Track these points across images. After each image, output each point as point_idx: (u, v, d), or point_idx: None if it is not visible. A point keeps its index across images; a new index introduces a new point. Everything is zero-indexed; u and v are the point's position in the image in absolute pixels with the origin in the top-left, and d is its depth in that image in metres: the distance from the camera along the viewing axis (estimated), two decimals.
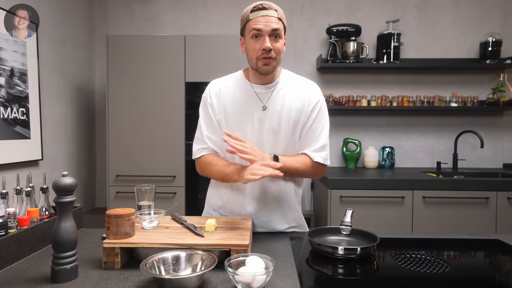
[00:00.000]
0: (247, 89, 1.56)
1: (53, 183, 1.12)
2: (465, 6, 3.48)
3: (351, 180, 2.78)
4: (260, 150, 1.47)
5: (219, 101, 1.57)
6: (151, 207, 1.46)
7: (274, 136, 1.54)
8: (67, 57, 3.17)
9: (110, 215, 1.23)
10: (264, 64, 1.45)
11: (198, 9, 3.56)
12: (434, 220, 2.77)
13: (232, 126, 1.54)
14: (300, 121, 1.55)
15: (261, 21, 1.40)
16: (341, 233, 1.47)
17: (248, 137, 1.53)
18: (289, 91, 1.55)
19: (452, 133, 3.50)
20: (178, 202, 2.97)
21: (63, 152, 3.10)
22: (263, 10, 1.41)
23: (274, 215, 1.62)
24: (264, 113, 1.53)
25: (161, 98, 2.98)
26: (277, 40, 1.44)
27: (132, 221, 1.25)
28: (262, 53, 1.43)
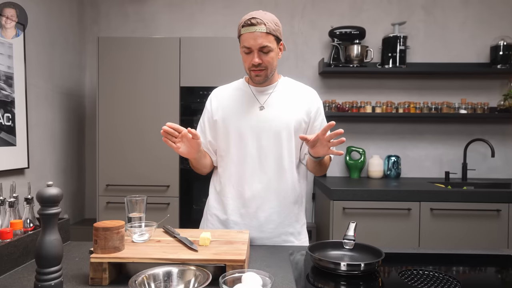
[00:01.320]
0: (246, 92, 1.72)
1: (37, 194, 1.11)
2: (475, 7, 3.50)
3: (354, 191, 2.77)
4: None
5: (218, 104, 1.73)
6: (142, 219, 1.45)
7: (274, 136, 1.64)
8: (56, 60, 3.17)
9: (98, 227, 1.21)
10: (256, 75, 1.62)
11: (194, 10, 3.58)
12: (442, 233, 2.75)
13: (231, 127, 1.67)
14: (303, 122, 1.67)
15: (249, 38, 1.54)
16: (343, 247, 1.46)
17: (248, 138, 1.65)
18: (288, 93, 1.71)
19: (461, 142, 3.50)
20: (171, 214, 2.95)
21: (50, 160, 3.09)
22: (251, 26, 1.53)
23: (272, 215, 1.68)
24: (262, 113, 1.66)
25: (155, 103, 2.98)
26: (267, 53, 1.57)
27: (121, 234, 1.24)
28: (252, 66, 1.59)
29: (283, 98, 1.68)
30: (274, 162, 1.65)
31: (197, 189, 3.02)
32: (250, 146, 1.65)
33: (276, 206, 1.67)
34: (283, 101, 1.67)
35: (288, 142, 1.65)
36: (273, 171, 1.65)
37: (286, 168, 1.66)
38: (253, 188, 1.66)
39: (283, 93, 1.69)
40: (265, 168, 1.65)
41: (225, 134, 1.69)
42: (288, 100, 1.68)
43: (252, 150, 1.65)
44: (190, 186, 3.03)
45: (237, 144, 1.66)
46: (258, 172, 1.65)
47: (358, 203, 2.76)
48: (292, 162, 1.68)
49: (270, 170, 1.65)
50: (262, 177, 1.65)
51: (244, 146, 1.66)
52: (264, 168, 1.65)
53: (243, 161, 1.66)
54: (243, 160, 1.66)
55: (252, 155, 1.65)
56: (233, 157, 1.68)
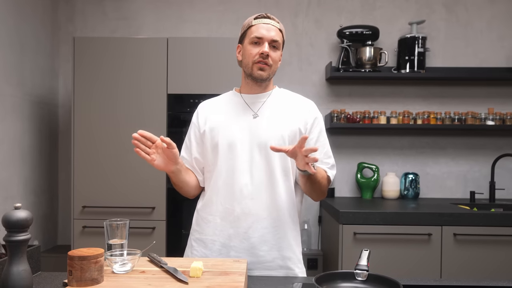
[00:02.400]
0: (237, 101, 1.78)
1: (3, 218, 1.11)
2: (503, 4, 3.54)
3: (366, 214, 2.77)
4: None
5: (205, 116, 1.79)
6: (123, 246, 1.45)
7: (266, 147, 1.65)
8: (25, 64, 3.19)
9: (73, 256, 1.22)
10: (259, 68, 1.67)
11: (183, 7, 3.62)
12: (467, 262, 2.75)
13: (219, 138, 1.70)
14: (298, 135, 1.70)
15: (262, 28, 1.66)
16: (355, 279, 1.45)
17: (237, 149, 1.68)
18: (283, 102, 1.77)
19: (489, 157, 3.52)
20: (157, 240, 2.94)
21: (18, 178, 3.09)
22: (266, 19, 1.68)
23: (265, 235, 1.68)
24: (255, 122, 1.71)
25: (139, 113, 2.99)
26: (275, 50, 1.69)
27: (100, 264, 1.24)
28: (259, 57, 1.65)
29: (278, 107, 1.74)
30: (266, 175, 1.67)
31: (187, 211, 3.02)
32: (241, 158, 1.67)
33: (269, 225, 1.68)
34: (277, 110, 1.73)
35: (282, 154, 1.65)
36: (266, 185, 1.67)
37: (279, 183, 1.68)
38: (243, 205, 1.66)
39: (278, 102, 1.76)
40: (256, 182, 1.66)
41: (213, 145, 1.71)
42: (283, 110, 1.73)
43: (242, 162, 1.67)
44: (178, 208, 3.02)
45: (227, 156, 1.68)
46: (249, 187, 1.66)
47: (370, 227, 2.76)
48: (287, 176, 1.70)
49: (263, 185, 1.66)
50: (254, 192, 1.66)
51: (234, 158, 1.68)
52: (255, 182, 1.66)
53: (232, 175, 1.67)
54: (232, 173, 1.67)
55: (242, 168, 1.67)
56: (221, 171, 1.69)
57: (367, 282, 1.44)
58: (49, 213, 3.53)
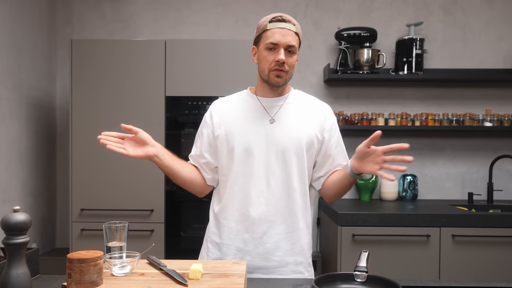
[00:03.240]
0: (253, 104, 1.75)
1: (2, 220, 1.11)
2: (501, 6, 3.56)
3: (365, 215, 2.78)
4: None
5: (220, 117, 1.76)
6: (123, 248, 1.45)
7: (285, 153, 1.67)
8: (22, 67, 3.18)
9: (72, 259, 1.22)
10: (276, 75, 1.64)
11: (181, 9, 3.62)
12: (466, 263, 2.76)
13: (236, 142, 1.69)
14: (316, 141, 1.71)
15: (278, 34, 1.60)
16: (355, 280, 1.46)
17: (255, 154, 1.67)
18: (300, 106, 1.75)
19: (487, 159, 3.52)
20: (156, 242, 2.94)
21: (16, 180, 3.08)
22: (282, 22, 1.62)
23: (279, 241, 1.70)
24: (271, 127, 1.69)
25: (137, 116, 2.99)
26: (291, 55, 1.64)
27: (99, 267, 1.24)
28: (275, 64, 1.62)
29: (295, 111, 1.72)
30: (283, 182, 1.67)
31: (186, 213, 3.02)
32: (257, 164, 1.67)
33: (284, 231, 1.69)
34: (295, 115, 1.71)
35: (299, 160, 1.68)
36: (281, 192, 1.67)
37: (296, 189, 1.69)
38: (259, 211, 1.67)
39: (295, 106, 1.74)
40: (273, 188, 1.67)
41: (228, 150, 1.71)
42: (300, 114, 1.72)
43: (259, 168, 1.67)
44: (177, 210, 3.02)
45: (243, 162, 1.68)
46: (265, 193, 1.67)
47: (369, 229, 2.76)
48: (303, 183, 1.71)
49: (278, 191, 1.67)
50: (270, 199, 1.67)
51: (251, 164, 1.68)
52: (272, 188, 1.67)
53: (248, 181, 1.68)
54: (249, 179, 1.68)
55: (259, 174, 1.67)
56: (237, 176, 1.69)
57: (367, 284, 1.44)
58: (47, 215, 3.52)
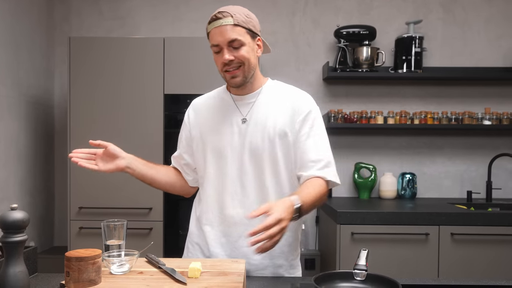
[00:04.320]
0: (227, 102, 1.70)
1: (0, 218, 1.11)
2: (501, 4, 3.56)
3: (364, 213, 2.78)
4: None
5: (195, 116, 1.76)
6: (121, 247, 1.45)
7: (256, 154, 1.61)
8: (20, 64, 3.18)
9: (71, 257, 1.21)
10: (231, 76, 1.58)
11: (179, 6, 3.61)
12: (464, 261, 2.76)
13: (209, 143, 1.67)
14: (288, 137, 1.61)
15: (216, 34, 1.54)
16: (354, 278, 1.46)
17: (227, 156, 1.63)
18: (273, 101, 1.66)
19: (485, 157, 3.53)
20: (154, 241, 2.94)
21: (14, 179, 3.08)
22: (217, 20, 1.53)
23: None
24: (244, 127, 1.63)
25: (135, 114, 2.99)
26: (239, 48, 1.54)
27: (97, 265, 1.24)
28: (223, 66, 1.57)
29: (268, 106, 1.64)
30: (256, 183, 1.62)
31: (184, 212, 3.01)
32: (230, 165, 1.63)
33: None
34: (268, 110, 1.63)
35: (272, 160, 1.61)
36: (256, 193, 1.62)
37: (269, 189, 1.62)
38: (234, 214, 1.63)
39: (268, 101, 1.65)
40: (247, 190, 1.62)
41: (202, 151, 1.68)
42: (273, 109, 1.63)
43: (232, 170, 1.63)
44: (175, 209, 3.02)
45: (216, 163, 1.65)
46: (240, 195, 1.63)
47: (368, 227, 2.76)
48: (277, 182, 1.63)
49: (253, 193, 1.62)
50: (244, 201, 1.62)
51: (224, 166, 1.64)
52: (246, 190, 1.62)
53: (222, 183, 1.64)
54: (222, 181, 1.64)
55: (232, 176, 1.63)
56: (211, 178, 1.67)
57: (366, 282, 1.44)
58: (45, 214, 3.52)
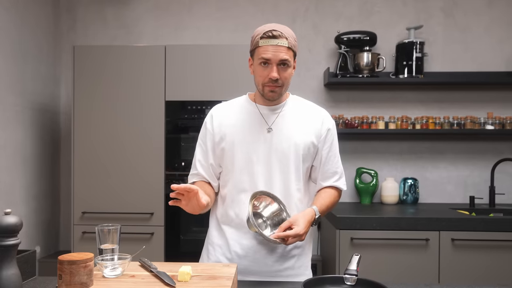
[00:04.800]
0: (253, 111, 1.77)
1: None
2: (502, 8, 3.54)
3: (363, 219, 2.78)
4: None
5: (220, 123, 1.77)
6: (114, 251, 1.47)
7: (282, 161, 1.71)
8: (27, 72, 3.23)
9: (63, 261, 1.24)
10: (270, 91, 1.67)
11: (182, 15, 3.64)
12: (465, 267, 2.74)
13: (237, 150, 1.72)
14: (312, 148, 1.74)
15: (270, 51, 1.60)
16: (344, 283, 1.47)
17: (254, 161, 1.71)
18: (297, 113, 1.77)
19: (489, 162, 3.49)
20: (156, 245, 2.96)
21: (20, 184, 3.12)
22: (273, 39, 1.60)
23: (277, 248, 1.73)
24: (269, 135, 1.72)
25: (137, 120, 3.01)
26: (285, 69, 1.64)
27: (89, 269, 1.27)
28: (268, 80, 1.63)
29: (292, 119, 1.75)
30: (281, 188, 1.71)
31: (185, 217, 3.04)
32: (257, 171, 1.70)
33: None
34: (292, 123, 1.74)
35: (296, 167, 1.71)
36: (281, 197, 1.70)
37: (293, 195, 1.72)
38: None
39: (292, 113, 1.76)
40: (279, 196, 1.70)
41: (230, 157, 1.73)
42: (297, 121, 1.74)
43: (258, 176, 1.70)
44: (177, 214, 3.04)
45: (244, 169, 1.71)
46: None
47: (368, 232, 2.76)
48: (299, 189, 1.74)
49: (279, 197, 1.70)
50: None
51: (251, 172, 1.71)
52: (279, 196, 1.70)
53: (248, 187, 1.70)
54: (249, 186, 1.70)
55: (258, 181, 1.70)
56: (237, 183, 1.72)
57: (356, 287, 1.46)
58: (51, 218, 3.56)
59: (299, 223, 1.54)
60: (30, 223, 3.24)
